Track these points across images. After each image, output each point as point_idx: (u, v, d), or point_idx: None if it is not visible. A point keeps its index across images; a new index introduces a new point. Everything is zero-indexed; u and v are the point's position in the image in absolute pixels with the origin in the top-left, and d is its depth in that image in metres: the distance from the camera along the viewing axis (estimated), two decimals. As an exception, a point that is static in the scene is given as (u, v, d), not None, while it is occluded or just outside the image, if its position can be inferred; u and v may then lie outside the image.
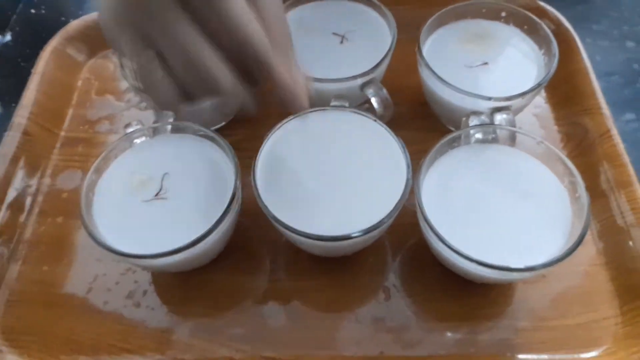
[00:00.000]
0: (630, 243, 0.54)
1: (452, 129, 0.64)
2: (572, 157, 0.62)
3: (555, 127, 0.66)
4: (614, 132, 0.61)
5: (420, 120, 0.66)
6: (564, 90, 0.67)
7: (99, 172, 0.52)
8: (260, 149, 0.52)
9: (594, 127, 0.62)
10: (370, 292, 0.54)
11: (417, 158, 0.58)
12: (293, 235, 0.47)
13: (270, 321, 0.53)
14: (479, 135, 0.53)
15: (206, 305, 0.54)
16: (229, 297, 0.55)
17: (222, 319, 0.53)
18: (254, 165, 0.50)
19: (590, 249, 0.56)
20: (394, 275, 0.55)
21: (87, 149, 0.66)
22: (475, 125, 0.53)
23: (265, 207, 0.47)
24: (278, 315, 0.53)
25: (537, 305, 0.53)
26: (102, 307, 0.54)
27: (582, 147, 0.62)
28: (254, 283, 0.55)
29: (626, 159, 0.59)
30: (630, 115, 0.72)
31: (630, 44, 0.80)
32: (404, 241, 0.57)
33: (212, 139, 0.53)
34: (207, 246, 0.48)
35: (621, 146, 0.60)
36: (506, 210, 0.49)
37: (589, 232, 0.53)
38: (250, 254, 0.57)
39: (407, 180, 0.48)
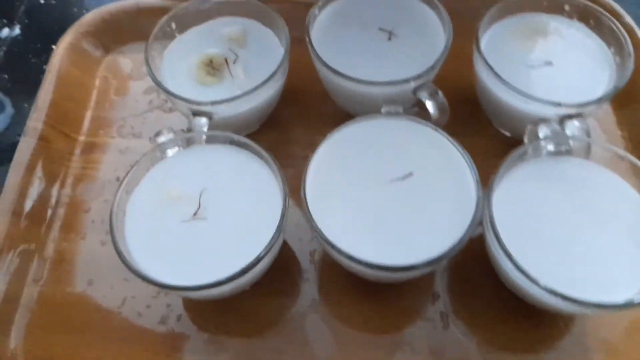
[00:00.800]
0: None
1: (507, 133, 0.59)
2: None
3: (620, 133, 0.60)
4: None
5: (473, 125, 0.60)
6: (630, 90, 0.60)
7: (130, 188, 0.47)
8: (308, 164, 0.46)
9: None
10: (426, 320, 0.50)
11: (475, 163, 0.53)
12: (350, 263, 0.42)
13: (316, 349, 0.48)
14: (550, 147, 0.47)
15: (246, 331, 0.50)
16: (270, 322, 0.50)
17: (263, 347, 0.49)
18: (304, 184, 0.44)
19: None
20: (452, 301, 0.50)
21: (109, 156, 0.61)
22: (547, 138, 0.47)
23: (321, 232, 0.42)
24: (323, 343, 0.49)
25: (610, 336, 0.48)
26: (132, 334, 0.50)
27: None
28: (295, 308, 0.51)
29: None
30: None
31: None
32: (463, 263, 0.52)
33: (251, 149, 0.48)
34: (254, 274, 0.43)
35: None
36: (584, 235, 0.44)
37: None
38: (291, 274, 0.52)
39: (477, 199, 0.43)
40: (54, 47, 0.66)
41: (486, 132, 0.60)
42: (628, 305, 0.39)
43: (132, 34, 0.69)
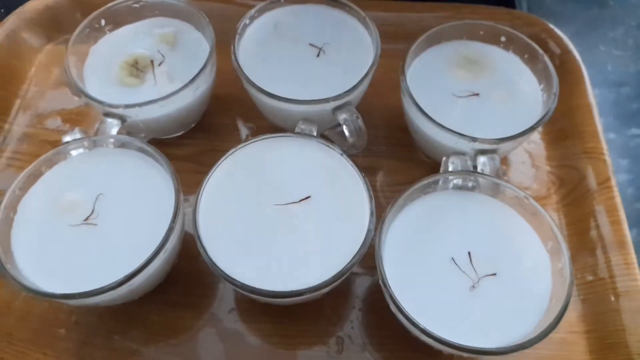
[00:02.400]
0: (617, 314, 0.49)
1: (431, 159, 0.58)
2: (564, 205, 0.57)
3: (548, 168, 0.59)
4: (614, 182, 0.55)
5: (398, 148, 0.60)
6: (562, 126, 0.60)
7: (25, 187, 0.46)
8: (206, 179, 0.45)
9: (593, 173, 0.56)
10: (322, 342, 0.49)
11: (392, 192, 0.52)
12: (241, 291, 0.41)
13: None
14: (457, 182, 0.47)
15: (138, 340, 0.49)
16: (164, 332, 0.49)
17: (153, 357, 0.48)
18: (197, 202, 0.44)
19: (571, 313, 0.50)
20: (350, 326, 0.50)
21: (32, 147, 0.60)
22: (454, 172, 0.46)
23: (211, 261, 0.41)
24: (215, 358, 0.48)
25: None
26: (26, 333, 0.49)
27: (576, 195, 0.56)
28: (192, 321, 0.50)
29: (623, 215, 0.53)
30: (636, 130, 0.66)
31: None
32: (368, 287, 0.51)
33: (153, 157, 0.47)
34: (132, 287, 0.42)
35: (619, 200, 0.53)
36: (479, 274, 0.43)
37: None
38: (190, 288, 0.51)
39: (368, 232, 0.42)
40: (-5, 31, 0.65)
41: (411, 157, 0.59)
42: (500, 351, 0.38)
43: (76, 24, 0.67)
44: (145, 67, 0.55)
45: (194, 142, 0.60)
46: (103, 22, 0.57)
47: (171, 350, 0.48)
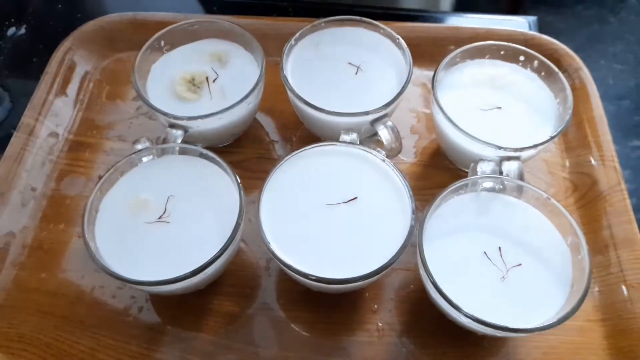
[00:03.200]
0: (629, 303, 0.54)
1: (461, 167, 0.64)
2: (578, 207, 0.62)
3: (563, 175, 0.65)
4: (623, 186, 0.60)
5: (429, 157, 0.66)
6: (576, 136, 0.66)
7: (104, 189, 0.52)
8: (265, 183, 0.51)
9: (604, 179, 0.62)
10: (364, 329, 0.54)
11: (422, 195, 0.58)
12: (292, 273, 0.47)
13: (261, 349, 0.53)
14: (486, 184, 0.53)
15: (199, 327, 0.54)
16: (221, 320, 0.55)
17: (212, 343, 0.54)
18: (260, 200, 0.50)
19: (588, 303, 0.56)
20: (389, 314, 0.55)
21: (94, 155, 0.66)
22: (484, 176, 0.52)
23: (269, 245, 0.47)
24: (268, 344, 0.54)
25: (528, 357, 0.53)
26: (97, 320, 0.55)
27: (589, 198, 0.62)
28: (246, 309, 0.55)
29: (632, 215, 0.59)
30: (637, 142, 0.70)
31: None
32: (404, 282, 0.57)
33: (217, 163, 0.53)
34: (205, 277, 0.48)
35: (628, 201, 0.59)
36: (508, 266, 0.49)
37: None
38: (245, 279, 0.57)
39: (410, 227, 0.48)
40: (55, 49, 0.72)
41: (440, 165, 0.65)
42: (525, 330, 0.44)
43: (127, 44, 0.74)
44: (200, 83, 0.61)
45: (242, 150, 0.66)
46: (162, 42, 0.63)
47: (229, 335, 0.54)
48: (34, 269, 0.58)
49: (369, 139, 0.60)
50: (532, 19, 0.82)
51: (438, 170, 0.65)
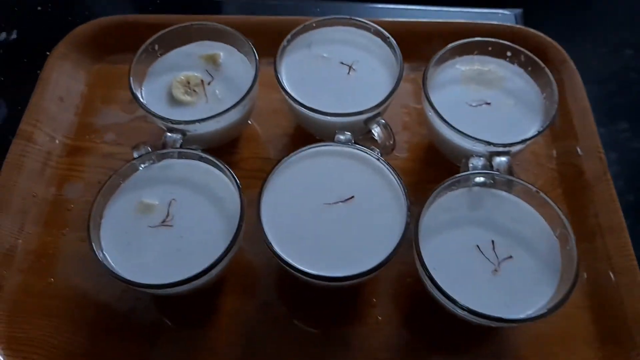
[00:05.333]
0: (616, 289, 0.57)
1: (453, 161, 0.66)
2: (566, 196, 0.65)
3: (551, 166, 0.67)
4: (609, 176, 0.63)
5: (421, 152, 0.68)
6: (562, 128, 0.68)
7: (107, 195, 0.53)
8: (264, 183, 0.53)
9: (591, 169, 0.64)
10: (364, 322, 0.57)
11: (416, 190, 0.60)
12: (292, 271, 0.49)
13: (263, 344, 0.55)
14: (478, 180, 0.55)
15: (203, 324, 0.56)
16: (226, 318, 0.57)
17: (218, 339, 0.55)
18: (259, 201, 0.51)
19: (576, 291, 0.58)
20: (387, 307, 0.57)
21: (93, 159, 0.67)
22: (475, 172, 0.54)
23: (270, 244, 0.49)
24: (270, 339, 0.56)
25: (520, 344, 0.56)
26: (103, 322, 0.56)
27: (576, 188, 0.64)
28: (249, 307, 0.57)
29: (618, 204, 0.61)
30: (623, 125, 0.72)
31: (628, 52, 0.80)
32: (401, 275, 0.59)
33: (216, 166, 0.55)
34: (209, 278, 0.49)
35: (614, 191, 0.62)
36: (499, 258, 0.51)
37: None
38: (246, 277, 0.59)
39: (406, 225, 0.50)
40: (48, 53, 0.72)
41: (433, 160, 0.67)
42: (517, 320, 0.46)
43: (121, 46, 0.74)
44: (196, 86, 0.62)
45: (238, 150, 0.67)
46: (156, 46, 0.64)
47: (232, 333, 0.56)
48: (40, 274, 0.59)
49: (364, 137, 0.61)
50: (518, 11, 0.84)
51: (431, 165, 0.67)
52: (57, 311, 0.57)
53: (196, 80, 0.62)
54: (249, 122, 0.69)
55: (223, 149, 0.67)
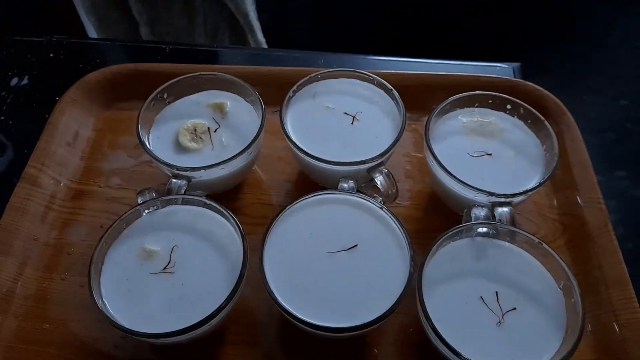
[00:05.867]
0: (622, 343, 0.56)
1: (455, 211, 0.66)
2: (569, 248, 0.65)
3: (552, 216, 0.67)
4: (610, 227, 0.63)
5: (424, 200, 0.68)
6: (563, 179, 0.69)
7: (110, 240, 0.53)
8: (268, 231, 0.53)
9: (592, 220, 0.64)
10: (366, 374, 0.55)
11: (419, 239, 0.60)
12: (294, 321, 0.48)
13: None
14: (480, 230, 0.55)
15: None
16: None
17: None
18: (262, 249, 0.51)
19: (581, 343, 0.56)
20: (389, 358, 0.56)
21: (97, 204, 0.68)
22: (478, 223, 0.55)
23: (272, 293, 0.48)
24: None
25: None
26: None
27: (578, 239, 0.64)
28: (250, 357, 0.56)
29: (620, 256, 0.61)
30: (621, 173, 0.73)
31: (623, 102, 0.83)
32: (404, 325, 0.58)
33: (221, 213, 0.55)
34: (209, 328, 0.49)
35: (616, 242, 0.62)
36: (503, 310, 0.50)
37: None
38: (248, 327, 0.58)
39: (409, 275, 0.50)
40: (57, 98, 0.74)
41: (435, 209, 0.67)
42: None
43: (130, 94, 0.76)
44: (202, 134, 0.63)
45: (242, 196, 0.68)
46: (165, 95, 0.65)
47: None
48: (36, 320, 0.58)
49: (367, 185, 0.62)
50: (516, 65, 0.87)
51: (433, 214, 0.67)
52: (52, 359, 0.56)
53: (203, 127, 0.64)
54: (253, 168, 0.69)
55: (227, 194, 0.67)
